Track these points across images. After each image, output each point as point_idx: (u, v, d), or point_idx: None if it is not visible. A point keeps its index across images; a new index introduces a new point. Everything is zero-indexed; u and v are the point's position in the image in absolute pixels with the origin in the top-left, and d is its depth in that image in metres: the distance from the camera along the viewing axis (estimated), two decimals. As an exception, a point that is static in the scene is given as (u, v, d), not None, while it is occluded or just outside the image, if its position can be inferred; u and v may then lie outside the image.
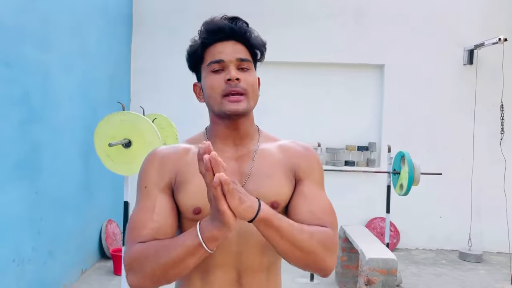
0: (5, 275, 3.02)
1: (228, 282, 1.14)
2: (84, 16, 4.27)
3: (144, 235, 1.07)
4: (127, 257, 1.06)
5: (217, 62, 1.15)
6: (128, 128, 2.91)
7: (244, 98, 1.14)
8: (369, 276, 3.42)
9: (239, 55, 1.16)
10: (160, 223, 1.09)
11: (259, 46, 1.21)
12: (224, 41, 1.16)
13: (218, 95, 1.14)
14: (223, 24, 1.17)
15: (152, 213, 1.10)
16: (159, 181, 1.14)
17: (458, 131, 5.69)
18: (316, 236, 1.07)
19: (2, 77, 2.95)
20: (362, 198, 5.72)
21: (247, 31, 1.19)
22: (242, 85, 1.13)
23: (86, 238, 4.48)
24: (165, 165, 1.16)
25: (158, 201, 1.12)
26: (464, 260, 5.31)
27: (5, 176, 3.00)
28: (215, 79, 1.15)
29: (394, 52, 5.69)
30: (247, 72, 1.16)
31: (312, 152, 1.27)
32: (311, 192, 1.19)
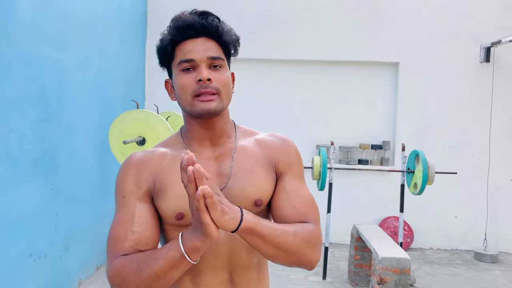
0: (22, 270, 3.09)
1: (220, 282, 1.13)
2: (100, 15, 4.33)
3: (125, 248, 1.04)
4: (110, 272, 1.03)
5: (187, 61, 1.10)
6: (142, 126, 2.94)
7: (216, 97, 1.10)
8: (382, 275, 3.40)
9: (211, 53, 1.11)
10: (141, 234, 1.06)
11: (232, 42, 1.16)
12: (195, 38, 1.11)
13: (189, 96, 1.10)
14: (193, 20, 1.11)
15: (131, 224, 1.06)
16: (137, 190, 1.11)
17: (474, 130, 5.62)
18: (300, 235, 1.07)
19: (20, 76, 3.01)
20: (375, 197, 5.69)
21: (218, 27, 1.13)
22: (213, 85, 1.09)
23: (101, 234, 4.54)
24: (142, 172, 1.12)
25: (137, 211, 1.08)
26: (479, 261, 5.25)
27: (22, 173, 3.07)
28: (185, 79, 1.10)
29: (409, 49, 5.64)
30: (219, 70, 1.12)
31: (290, 145, 1.24)
32: (292, 187, 1.19)
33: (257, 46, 5.42)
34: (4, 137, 2.86)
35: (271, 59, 5.71)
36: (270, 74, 5.84)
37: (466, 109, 5.63)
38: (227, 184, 1.13)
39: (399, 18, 5.65)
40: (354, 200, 5.69)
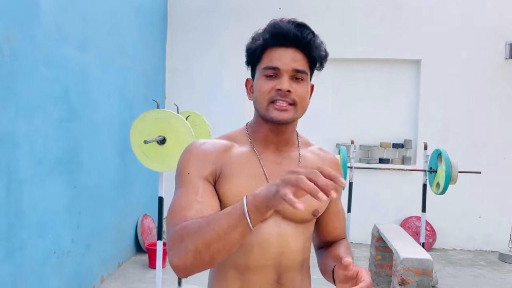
0: (46, 267, 3.15)
1: (268, 283, 1.15)
2: (121, 15, 4.38)
3: (189, 216, 1.04)
4: (171, 236, 1.02)
5: (272, 68, 1.12)
6: (163, 125, 2.97)
7: (291, 108, 1.13)
8: (403, 276, 3.35)
9: (296, 66, 1.13)
10: (205, 204, 1.07)
11: (319, 57, 1.18)
12: (285, 48, 1.13)
13: (265, 101, 1.13)
14: (288, 29, 1.12)
15: (196, 195, 1.08)
16: (203, 169, 1.13)
17: (499, 128, 5.49)
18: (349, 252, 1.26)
19: (44, 76, 3.07)
20: (397, 197, 5.61)
21: (311, 41, 1.14)
22: (291, 97, 1.12)
23: (123, 232, 4.61)
24: (208, 155, 1.15)
25: (202, 186, 1.10)
26: (504, 262, 5.13)
27: (46, 172, 3.13)
28: (266, 84, 1.13)
29: (431, 46, 5.54)
30: (301, 83, 1.14)
31: (337, 160, 1.33)
32: (340, 208, 1.34)
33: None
34: (29, 136, 2.92)
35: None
36: (290, 72, 5.82)
37: (490, 106, 5.50)
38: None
39: (421, 14, 5.56)
40: (375, 200, 5.63)
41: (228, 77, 5.67)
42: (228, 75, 5.66)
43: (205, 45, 5.74)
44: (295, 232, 1.15)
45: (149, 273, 4.36)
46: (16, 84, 2.78)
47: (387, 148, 5.66)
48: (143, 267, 4.54)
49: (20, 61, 2.82)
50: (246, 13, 5.70)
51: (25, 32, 2.87)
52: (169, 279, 4.22)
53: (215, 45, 5.74)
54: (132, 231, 4.87)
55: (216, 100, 5.70)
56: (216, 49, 5.74)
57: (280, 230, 1.15)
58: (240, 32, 5.66)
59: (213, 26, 5.73)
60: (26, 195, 2.90)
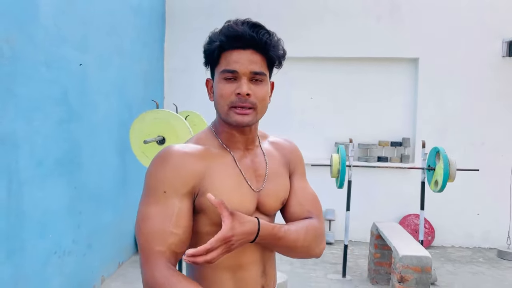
0: (47, 266, 3.17)
1: (258, 275, 1.23)
2: (119, 16, 4.40)
3: (164, 249, 1.06)
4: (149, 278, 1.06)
5: (230, 72, 1.13)
6: (162, 125, 2.98)
7: (251, 111, 1.14)
8: (402, 274, 3.38)
9: (254, 68, 1.13)
10: (180, 236, 1.08)
11: (277, 57, 1.18)
12: (242, 50, 1.13)
13: (226, 105, 1.14)
14: (244, 31, 1.11)
15: (170, 224, 1.07)
16: (181, 188, 1.10)
17: (497, 126, 5.51)
18: (309, 232, 1.23)
19: (43, 77, 3.09)
20: (395, 195, 5.64)
21: (267, 42, 1.14)
22: (251, 100, 1.13)
23: (123, 232, 4.63)
24: (187, 169, 1.11)
25: (177, 211, 1.08)
26: (502, 259, 5.16)
27: (46, 172, 3.15)
28: (225, 88, 1.13)
29: (429, 45, 5.56)
30: (260, 85, 1.15)
31: (295, 146, 1.39)
32: (300, 185, 1.33)
33: (275, 44, 5.41)
34: (29, 137, 2.94)
35: (289, 56, 5.59)
36: (288, 71, 5.82)
37: (488, 104, 5.53)
38: (264, 186, 1.23)
39: (418, 13, 5.58)
40: (373, 198, 5.65)
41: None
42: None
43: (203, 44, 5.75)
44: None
45: (150, 273, 4.38)
46: (16, 85, 2.80)
47: (385, 146, 5.69)
48: (144, 267, 4.55)
49: (20, 63, 2.83)
50: (245, 13, 5.69)
51: (25, 33, 2.88)
52: (170, 278, 4.24)
53: (213, 45, 5.75)
54: (132, 231, 4.88)
55: (215, 100, 5.71)
56: (214, 49, 5.74)
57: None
58: (238, 31, 5.67)
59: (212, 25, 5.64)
60: (26, 196, 2.91)
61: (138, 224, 1.10)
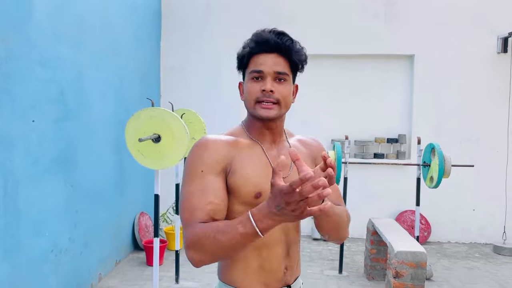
0: (44, 265, 3.18)
1: (282, 255, 1.33)
2: (115, 15, 4.40)
3: (203, 217, 1.19)
4: (189, 237, 1.17)
5: (257, 72, 1.30)
6: (158, 123, 2.99)
7: (275, 106, 1.30)
8: (397, 269, 3.40)
9: (278, 69, 1.29)
10: (217, 205, 1.22)
11: (299, 61, 1.34)
12: (268, 53, 1.30)
13: (253, 101, 1.31)
14: (269, 37, 1.29)
15: (209, 195, 1.21)
16: (215, 165, 1.26)
17: (492, 122, 5.54)
18: (346, 215, 1.41)
19: (39, 77, 3.09)
20: (391, 191, 5.66)
21: (290, 47, 1.30)
22: (275, 96, 1.29)
23: (120, 230, 4.64)
24: (220, 151, 1.28)
25: (214, 184, 1.24)
26: (498, 254, 5.19)
27: (43, 171, 3.15)
28: (253, 86, 1.30)
29: (424, 41, 5.58)
30: (283, 84, 1.31)
31: (322, 145, 1.53)
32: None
33: (271, 41, 5.42)
34: (25, 136, 2.94)
35: (285, 54, 5.70)
36: (284, 69, 5.84)
37: (483, 101, 5.55)
38: (289, 173, 1.35)
39: (414, 10, 5.59)
40: (370, 194, 5.68)
41: (223, 74, 5.68)
42: (223, 73, 5.68)
43: (200, 42, 5.76)
44: None
45: (147, 271, 4.40)
46: (12, 85, 2.80)
47: (381, 143, 5.71)
48: (141, 265, 4.57)
49: (15, 62, 2.84)
50: (240, 11, 5.72)
51: (20, 33, 2.89)
52: (167, 276, 4.26)
53: (209, 43, 5.76)
54: (129, 229, 4.90)
55: (211, 98, 5.72)
56: (210, 47, 5.76)
57: None
58: (234, 29, 5.68)
59: (208, 23, 5.75)
60: (22, 195, 2.92)
61: (181, 203, 1.24)
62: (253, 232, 1.07)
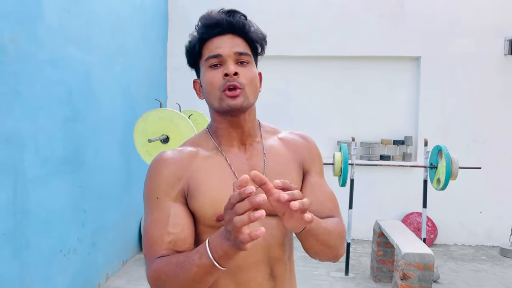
0: (52, 264, 3.20)
1: (263, 278, 1.13)
2: (122, 16, 4.42)
3: (162, 250, 1.05)
4: (150, 276, 1.06)
5: (215, 57, 1.11)
6: (166, 124, 3.01)
7: (241, 92, 1.09)
8: (405, 271, 3.39)
9: (237, 49, 1.11)
10: (177, 235, 1.06)
11: (258, 39, 1.16)
12: (222, 35, 1.12)
13: (217, 90, 1.10)
14: (220, 17, 1.12)
15: (167, 225, 1.06)
16: (170, 190, 1.10)
17: (499, 124, 5.52)
18: (336, 231, 1.15)
19: (49, 77, 3.11)
20: (398, 193, 5.65)
21: (245, 24, 1.14)
22: (240, 80, 1.09)
23: (127, 231, 4.66)
24: (174, 172, 1.11)
25: (172, 211, 1.08)
26: (505, 257, 5.17)
27: (52, 171, 3.17)
28: (213, 75, 1.11)
29: (430, 43, 5.57)
30: (246, 66, 1.12)
31: (311, 142, 1.28)
32: (318, 183, 1.24)
33: (276, 43, 5.43)
34: (34, 136, 2.96)
35: (291, 55, 5.71)
36: (290, 71, 5.85)
37: (490, 102, 5.53)
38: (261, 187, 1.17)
39: (420, 11, 5.58)
40: (376, 196, 5.67)
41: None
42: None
43: (206, 44, 5.77)
44: (278, 225, 1.12)
45: (153, 271, 4.41)
46: (21, 85, 2.82)
47: (388, 145, 5.70)
48: (147, 265, 4.58)
49: (25, 62, 2.86)
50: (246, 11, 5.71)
51: (30, 33, 2.91)
52: (173, 276, 4.27)
53: (216, 44, 5.76)
54: (136, 229, 4.91)
55: (218, 99, 5.73)
56: (217, 48, 5.76)
57: (264, 225, 1.04)
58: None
59: (214, 25, 5.76)
60: (32, 195, 2.94)
61: (143, 235, 1.12)
62: (210, 264, 0.93)
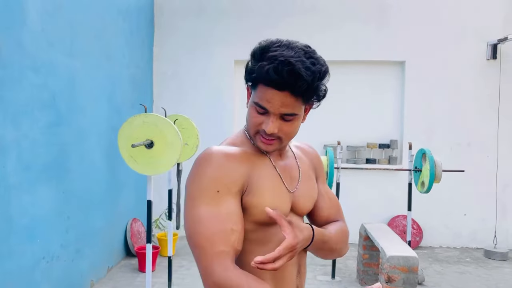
0: (35, 272, 3.16)
1: (294, 275, 1.26)
2: (107, 20, 4.40)
3: (223, 247, 1.06)
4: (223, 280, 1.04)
5: (261, 108, 1.13)
6: (150, 129, 2.99)
7: (275, 142, 1.17)
8: (389, 274, 3.42)
9: (285, 111, 1.12)
10: (239, 233, 1.10)
11: (316, 97, 1.18)
12: (277, 91, 1.10)
13: (253, 131, 1.18)
14: (281, 79, 1.07)
15: (229, 222, 1.08)
16: (232, 186, 1.12)
17: (482, 127, 5.60)
18: (341, 235, 1.34)
19: (31, 82, 3.08)
20: (384, 196, 5.69)
21: (305, 90, 1.10)
22: (277, 135, 1.15)
23: (112, 236, 4.62)
24: (236, 169, 1.14)
25: (233, 209, 1.10)
26: (489, 258, 5.23)
27: (34, 177, 3.14)
28: (255, 118, 1.15)
29: (415, 48, 5.64)
30: (289, 122, 1.15)
31: (318, 153, 1.46)
32: (326, 190, 1.42)
33: (263, 47, 5.44)
34: (16, 142, 2.93)
35: (277, 60, 5.72)
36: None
37: (474, 106, 5.62)
38: (298, 187, 1.28)
39: (404, 16, 5.66)
40: (362, 200, 5.70)
41: (215, 80, 5.70)
42: (216, 78, 5.69)
43: (193, 48, 5.77)
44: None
45: (139, 277, 4.37)
46: (4, 90, 2.79)
47: (373, 148, 5.75)
48: (133, 271, 4.55)
49: (8, 67, 2.83)
50: (233, 16, 5.75)
51: (12, 38, 2.88)
52: (159, 282, 4.24)
53: (202, 48, 5.77)
54: (122, 235, 4.87)
55: (204, 103, 5.73)
56: (203, 52, 5.77)
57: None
58: (227, 34, 5.70)
59: (200, 29, 5.77)
60: (14, 201, 2.90)
61: (195, 227, 1.09)
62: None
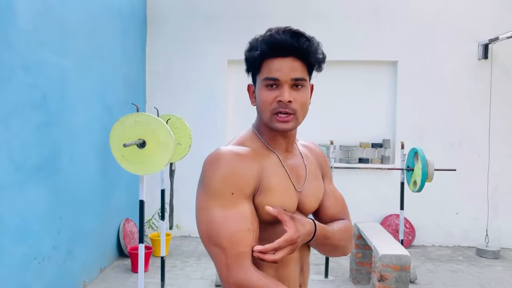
0: (26, 273, 3.13)
1: (297, 273, 1.28)
2: (99, 20, 4.38)
3: (244, 247, 1.09)
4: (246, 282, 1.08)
5: (272, 79, 1.17)
6: (142, 129, 2.98)
7: (292, 118, 1.18)
8: (382, 272, 3.43)
9: (295, 75, 1.17)
10: (256, 233, 1.13)
11: (318, 62, 1.23)
12: (283, 57, 1.16)
13: (269, 112, 1.18)
14: (284, 40, 1.15)
15: (246, 222, 1.11)
16: (246, 187, 1.13)
17: (474, 127, 5.64)
18: (346, 233, 1.35)
19: (22, 81, 3.06)
20: (376, 195, 5.71)
21: (307, 48, 1.18)
22: (292, 107, 1.17)
23: (104, 237, 4.59)
24: (249, 171, 1.15)
25: (248, 209, 1.13)
26: (481, 257, 5.27)
27: (25, 177, 3.11)
28: (268, 96, 1.18)
29: (407, 48, 5.66)
30: (300, 90, 1.19)
31: (322, 151, 1.47)
32: (332, 189, 1.43)
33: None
34: (7, 142, 2.90)
35: (270, 60, 5.72)
36: (270, 75, 5.87)
37: (465, 106, 5.65)
38: (304, 186, 1.29)
39: (397, 16, 5.68)
40: (355, 199, 5.68)
41: (208, 79, 5.69)
42: (209, 78, 5.68)
43: (185, 48, 5.75)
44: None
45: (132, 277, 4.35)
46: (-7, 90, 2.77)
47: (366, 148, 5.76)
48: (126, 272, 4.53)
49: (-3, 67, 2.80)
50: (225, 15, 5.74)
51: (2, 37, 2.86)
52: (152, 282, 4.22)
53: (195, 48, 5.76)
54: (114, 235, 4.85)
55: (197, 103, 5.72)
56: (196, 52, 5.76)
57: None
58: (220, 34, 5.69)
59: (193, 29, 5.75)
60: (5, 201, 2.88)
61: (212, 228, 1.11)
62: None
